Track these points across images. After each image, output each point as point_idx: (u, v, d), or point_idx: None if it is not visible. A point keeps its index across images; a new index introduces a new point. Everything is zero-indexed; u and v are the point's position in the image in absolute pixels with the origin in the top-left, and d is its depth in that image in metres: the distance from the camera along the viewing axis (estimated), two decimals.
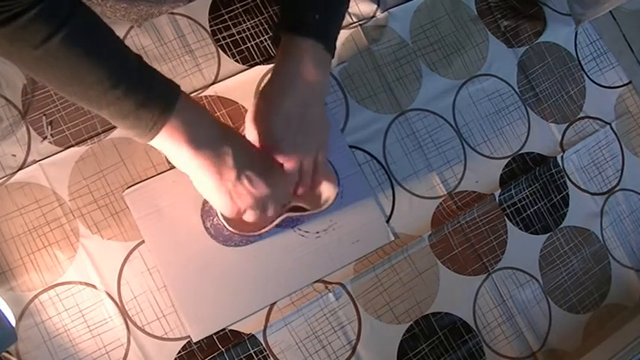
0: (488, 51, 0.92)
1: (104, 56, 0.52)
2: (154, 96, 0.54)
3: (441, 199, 0.84)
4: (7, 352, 0.67)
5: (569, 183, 0.91)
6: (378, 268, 0.79)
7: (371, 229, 0.80)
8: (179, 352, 0.71)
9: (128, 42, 0.78)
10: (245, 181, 0.59)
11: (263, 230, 0.67)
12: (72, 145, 0.73)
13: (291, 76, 0.62)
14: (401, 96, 0.86)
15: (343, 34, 0.85)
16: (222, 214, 0.64)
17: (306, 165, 0.65)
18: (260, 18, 0.84)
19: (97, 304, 0.70)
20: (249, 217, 0.62)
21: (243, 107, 0.79)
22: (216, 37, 0.81)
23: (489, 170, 0.87)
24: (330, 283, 0.77)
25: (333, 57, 0.65)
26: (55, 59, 0.50)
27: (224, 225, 0.64)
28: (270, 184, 0.60)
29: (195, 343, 0.71)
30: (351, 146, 0.82)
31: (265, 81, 0.67)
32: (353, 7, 0.87)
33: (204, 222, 0.72)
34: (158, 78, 0.56)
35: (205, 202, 0.71)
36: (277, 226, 0.68)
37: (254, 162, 0.60)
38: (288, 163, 0.63)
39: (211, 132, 0.58)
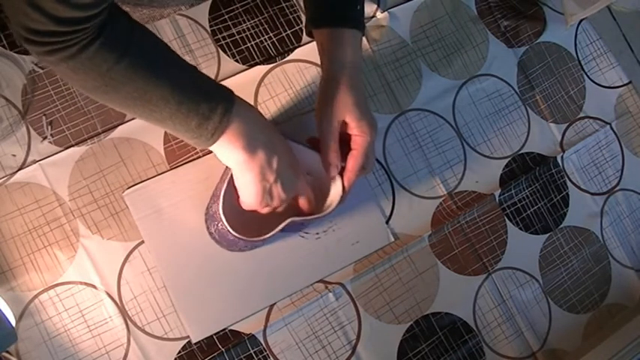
0: (488, 51, 0.92)
1: (167, 75, 0.55)
2: (214, 107, 0.57)
3: (441, 199, 0.84)
4: (7, 352, 0.67)
5: (569, 183, 0.91)
6: (378, 268, 0.79)
7: (371, 231, 0.80)
8: (179, 352, 0.71)
9: None
10: (279, 185, 0.64)
11: (267, 235, 0.68)
12: (72, 145, 0.73)
13: (349, 63, 0.68)
14: (401, 96, 0.86)
15: None
16: (225, 219, 0.65)
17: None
18: (260, 18, 0.84)
19: (97, 304, 0.70)
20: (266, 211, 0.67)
21: None
22: (216, 37, 0.81)
23: (489, 170, 0.87)
24: (330, 283, 0.77)
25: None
26: (122, 84, 0.53)
27: (228, 230, 0.65)
28: (297, 190, 0.67)
29: (195, 343, 0.71)
30: None
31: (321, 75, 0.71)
32: None
33: (208, 227, 0.72)
34: (215, 87, 0.59)
35: (209, 207, 0.71)
36: (281, 230, 0.68)
37: (291, 169, 0.65)
38: (374, 136, 0.69)
39: (264, 136, 0.62)
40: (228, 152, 0.60)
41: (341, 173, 0.70)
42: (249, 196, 0.64)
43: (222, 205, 0.65)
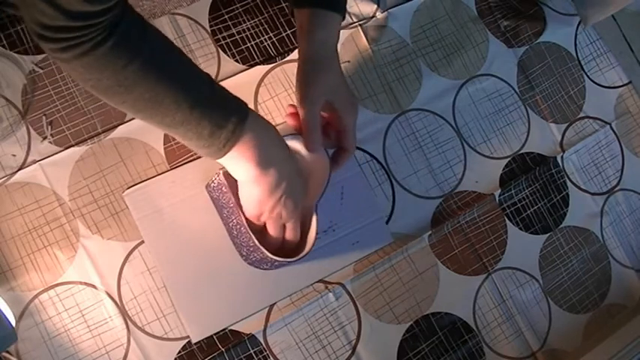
0: (488, 51, 0.92)
1: (179, 79, 0.53)
2: (228, 116, 0.56)
3: (441, 199, 0.84)
4: (7, 352, 0.67)
5: (569, 183, 0.91)
6: (378, 268, 0.79)
7: (371, 230, 0.80)
8: (179, 352, 0.71)
9: None
10: (284, 204, 0.64)
11: (302, 254, 0.69)
12: (72, 145, 0.73)
13: (329, 45, 0.69)
14: (401, 96, 0.86)
15: (343, 34, 0.85)
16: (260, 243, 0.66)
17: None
18: (260, 18, 0.84)
19: (97, 304, 0.70)
20: (271, 227, 0.68)
21: None
22: (216, 37, 0.81)
23: (489, 170, 0.87)
24: (330, 283, 0.77)
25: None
26: (134, 84, 0.51)
27: (266, 253, 0.66)
28: (296, 213, 0.66)
29: (195, 343, 0.71)
30: None
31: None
32: (353, 7, 0.87)
33: (239, 249, 0.73)
34: (229, 98, 0.58)
35: (232, 230, 0.71)
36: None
37: (297, 190, 0.65)
38: (356, 116, 0.70)
39: (276, 152, 0.61)
40: (240, 165, 0.59)
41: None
42: (253, 210, 0.65)
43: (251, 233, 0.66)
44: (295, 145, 0.67)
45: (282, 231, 0.69)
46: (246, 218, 0.67)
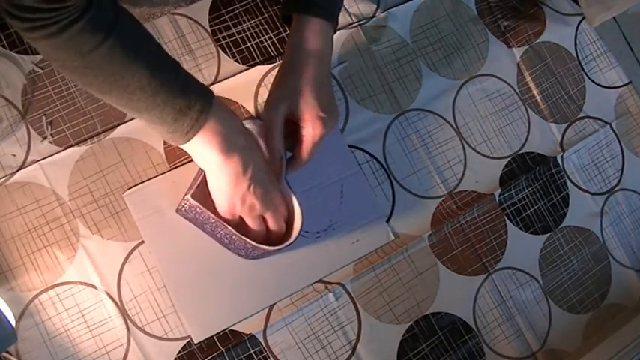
0: (488, 51, 0.92)
1: (146, 64, 0.54)
2: (191, 103, 0.56)
3: (441, 199, 0.84)
4: (7, 352, 0.67)
5: (569, 183, 0.91)
6: (378, 268, 0.79)
7: (371, 229, 0.80)
8: (179, 352, 0.71)
9: None
10: (253, 193, 0.63)
11: (296, 233, 0.69)
12: (72, 145, 0.73)
13: (303, 49, 0.67)
14: (401, 96, 0.86)
15: (343, 34, 0.85)
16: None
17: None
18: (260, 18, 0.84)
19: (97, 304, 0.70)
20: (250, 223, 0.66)
21: (243, 107, 0.79)
22: (216, 37, 0.81)
23: (489, 170, 0.87)
24: (330, 283, 0.77)
25: (334, 33, 0.71)
26: (100, 68, 0.52)
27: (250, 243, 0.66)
28: (270, 202, 0.65)
29: (196, 344, 0.71)
30: (350, 146, 0.82)
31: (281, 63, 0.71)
32: (353, 7, 0.87)
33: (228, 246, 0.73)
34: (195, 84, 0.58)
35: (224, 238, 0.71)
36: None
37: (265, 178, 0.64)
38: (320, 129, 0.66)
39: (241, 142, 0.61)
40: (204, 152, 0.60)
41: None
42: (224, 203, 0.64)
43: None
44: (247, 126, 0.68)
45: (264, 223, 0.68)
46: (223, 220, 0.66)
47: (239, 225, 0.67)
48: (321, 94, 0.67)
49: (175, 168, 0.75)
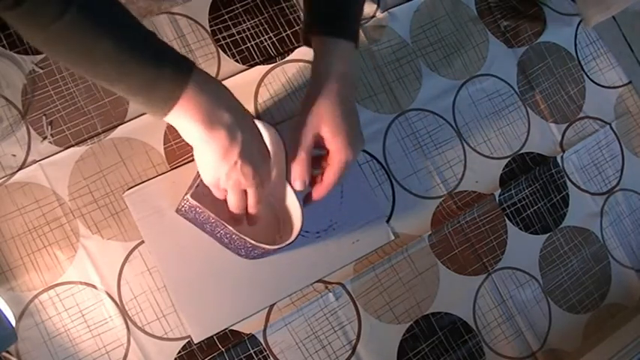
0: (488, 51, 0.92)
1: (112, 34, 0.51)
2: (164, 73, 0.53)
3: (441, 199, 0.84)
4: (7, 352, 0.67)
5: (569, 183, 0.91)
6: (377, 268, 0.79)
7: (371, 229, 0.80)
8: (179, 352, 0.71)
9: None
10: (240, 169, 0.60)
11: (297, 231, 0.68)
12: (72, 145, 0.73)
13: (326, 73, 0.65)
14: (401, 96, 0.86)
15: None
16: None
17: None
18: (260, 18, 0.84)
19: (97, 304, 0.70)
20: (230, 200, 0.64)
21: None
22: (216, 37, 0.81)
23: (489, 170, 0.87)
24: (330, 283, 0.77)
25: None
26: (63, 39, 0.50)
27: (245, 239, 0.66)
28: (257, 178, 0.62)
29: (196, 343, 0.71)
30: None
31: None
32: None
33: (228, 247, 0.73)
34: (170, 53, 0.55)
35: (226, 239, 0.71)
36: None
37: (255, 154, 0.61)
38: (351, 155, 0.65)
39: (228, 115, 0.58)
40: (186, 126, 0.57)
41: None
42: (209, 177, 0.61)
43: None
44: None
45: (244, 198, 0.65)
46: (223, 221, 0.65)
47: (238, 225, 0.67)
48: (351, 121, 0.65)
49: (175, 168, 0.75)
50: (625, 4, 0.88)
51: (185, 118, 0.56)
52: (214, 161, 0.59)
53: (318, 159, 0.67)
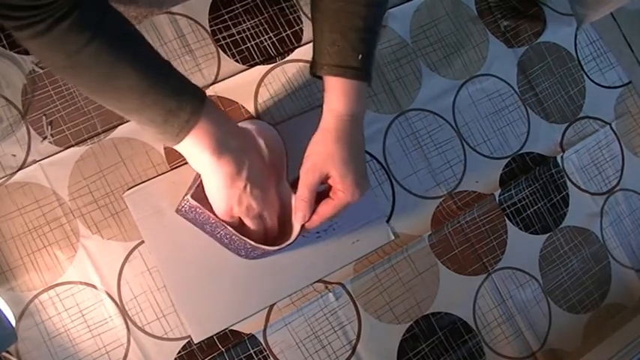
0: (488, 51, 0.92)
1: (135, 64, 0.53)
2: (182, 104, 0.56)
3: (441, 199, 0.84)
4: (7, 352, 0.67)
5: (569, 183, 0.91)
6: (378, 268, 0.79)
7: (371, 229, 0.80)
8: (179, 352, 0.71)
9: None
10: (250, 192, 0.63)
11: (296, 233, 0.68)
12: (72, 145, 0.73)
13: (348, 115, 0.64)
14: (401, 96, 0.86)
15: None
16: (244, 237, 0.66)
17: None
18: (260, 18, 0.84)
19: (97, 304, 0.70)
20: (249, 223, 0.66)
21: (243, 107, 0.79)
22: (216, 37, 0.81)
23: (489, 170, 0.87)
24: (330, 283, 0.77)
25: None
26: (87, 67, 0.52)
27: (244, 240, 0.66)
28: (267, 202, 0.65)
29: (196, 344, 0.71)
30: None
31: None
32: None
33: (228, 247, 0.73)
34: (186, 85, 0.58)
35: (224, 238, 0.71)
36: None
37: (261, 178, 0.64)
38: (356, 198, 0.66)
39: (234, 141, 0.61)
40: (196, 154, 0.59)
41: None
42: (222, 205, 0.63)
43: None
44: (247, 126, 0.68)
45: (262, 222, 0.67)
46: (223, 220, 0.65)
47: (238, 225, 0.67)
48: (359, 162, 0.66)
49: (175, 168, 0.75)
50: (619, 3, 0.88)
51: (196, 147, 0.58)
52: (224, 187, 0.61)
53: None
